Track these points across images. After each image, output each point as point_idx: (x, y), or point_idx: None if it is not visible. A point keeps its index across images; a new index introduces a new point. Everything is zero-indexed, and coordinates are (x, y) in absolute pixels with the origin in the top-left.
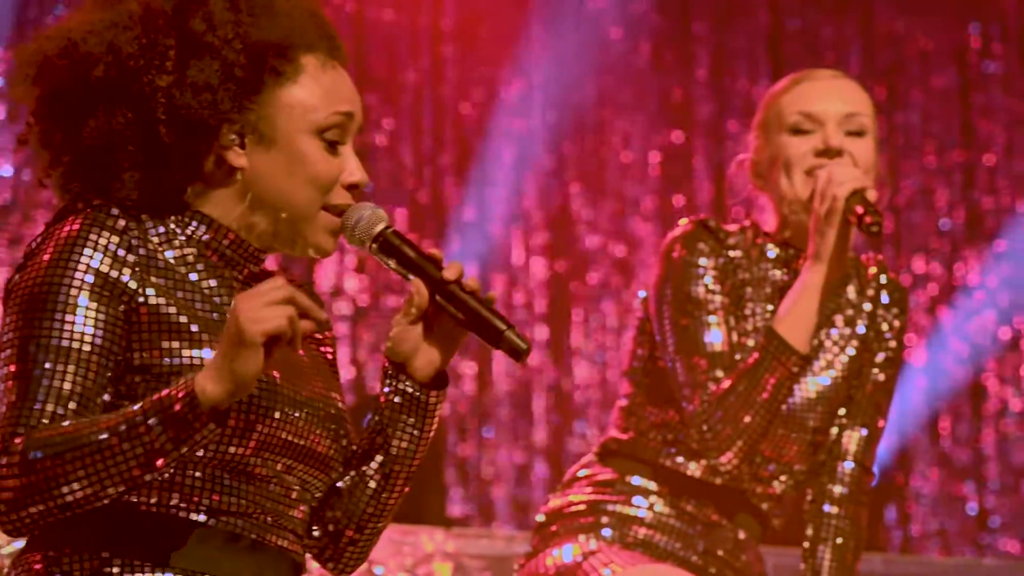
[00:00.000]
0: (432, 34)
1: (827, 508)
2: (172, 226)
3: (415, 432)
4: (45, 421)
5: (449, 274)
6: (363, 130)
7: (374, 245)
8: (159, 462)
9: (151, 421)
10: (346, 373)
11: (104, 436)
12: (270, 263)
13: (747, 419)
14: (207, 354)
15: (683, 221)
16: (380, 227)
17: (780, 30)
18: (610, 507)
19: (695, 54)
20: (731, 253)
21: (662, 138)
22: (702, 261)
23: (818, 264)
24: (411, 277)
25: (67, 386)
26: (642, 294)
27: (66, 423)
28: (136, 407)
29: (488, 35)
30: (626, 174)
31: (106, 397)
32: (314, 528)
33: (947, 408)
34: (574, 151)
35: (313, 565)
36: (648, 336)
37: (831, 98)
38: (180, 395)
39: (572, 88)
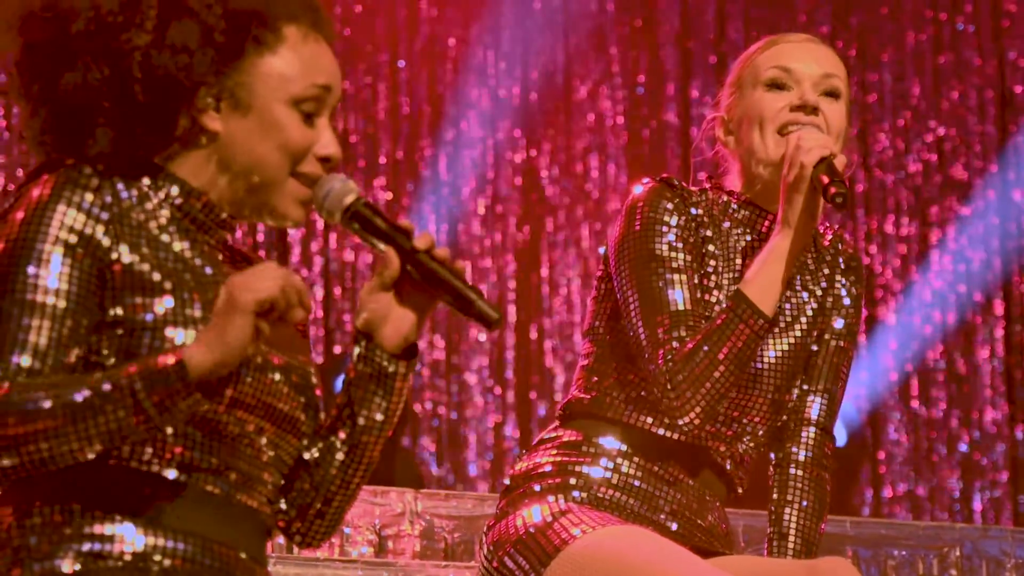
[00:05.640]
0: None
1: (792, 471)
2: (145, 188)
3: (383, 403)
4: (23, 376)
5: (420, 244)
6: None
7: (345, 217)
8: (140, 426)
9: (137, 385)
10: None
11: (87, 394)
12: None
13: (711, 380)
14: (180, 308)
15: (645, 179)
16: (350, 199)
17: None
18: (577, 468)
19: (662, 13)
20: (694, 211)
21: (627, 99)
22: (666, 219)
23: (786, 230)
24: (382, 247)
25: (43, 341)
26: (602, 251)
27: (47, 379)
28: (121, 369)
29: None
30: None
31: (76, 351)
32: (282, 500)
33: (918, 370)
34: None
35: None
36: (609, 293)
37: (809, 58)
38: (169, 362)
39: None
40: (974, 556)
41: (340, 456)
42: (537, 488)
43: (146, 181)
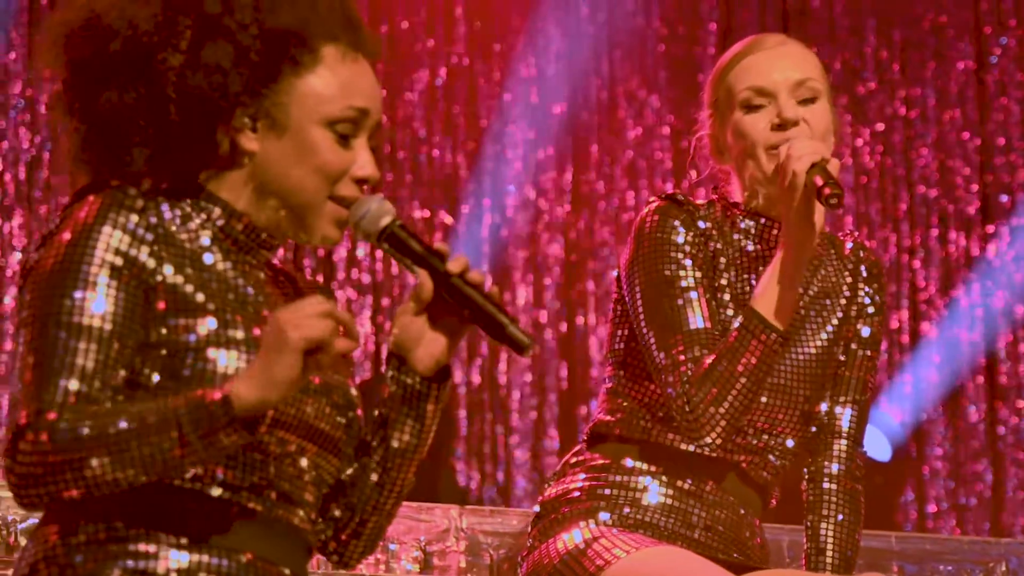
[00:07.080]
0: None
1: (825, 486)
2: (188, 209)
3: (416, 425)
4: (72, 400)
5: (454, 267)
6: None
7: (380, 238)
8: (184, 459)
9: (183, 419)
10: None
11: (135, 425)
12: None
13: (729, 399)
14: (223, 329)
15: (652, 198)
16: (387, 220)
17: (792, 5)
18: (607, 491)
19: (706, 28)
20: (702, 224)
21: (672, 114)
22: (675, 238)
23: (790, 240)
24: (416, 270)
25: (89, 364)
26: (615, 273)
27: (95, 407)
28: (167, 401)
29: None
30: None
31: (122, 373)
32: (319, 520)
33: (962, 385)
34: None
35: None
36: (625, 316)
37: (778, 68)
38: (216, 396)
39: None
40: (1020, 571)
41: (374, 477)
42: (568, 514)
43: (188, 202)
